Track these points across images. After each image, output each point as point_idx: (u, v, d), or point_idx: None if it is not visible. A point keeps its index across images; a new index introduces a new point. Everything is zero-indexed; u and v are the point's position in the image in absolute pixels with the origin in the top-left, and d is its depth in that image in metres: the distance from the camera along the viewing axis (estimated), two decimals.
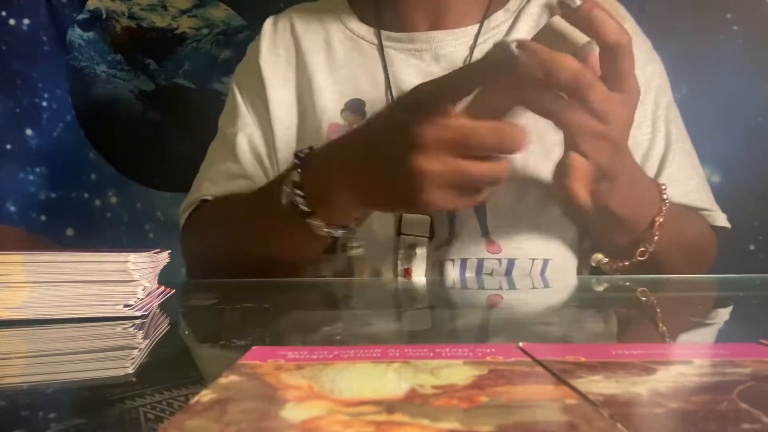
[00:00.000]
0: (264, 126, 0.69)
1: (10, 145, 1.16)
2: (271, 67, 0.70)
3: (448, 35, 0.67)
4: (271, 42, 0.71)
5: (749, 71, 1.01)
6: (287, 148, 0.68)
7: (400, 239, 0.62)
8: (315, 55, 0.69)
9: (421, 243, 0.62)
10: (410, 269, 0.62)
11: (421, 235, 0.62)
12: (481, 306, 0.51)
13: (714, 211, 0.67)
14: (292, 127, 0.68)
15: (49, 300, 0.38)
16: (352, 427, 0.17)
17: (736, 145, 1.00)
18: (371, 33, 0.69)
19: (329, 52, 0.69)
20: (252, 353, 0.26)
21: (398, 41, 0.68)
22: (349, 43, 0.69)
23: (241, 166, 0.68)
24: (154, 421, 0.21)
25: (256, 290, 0.56)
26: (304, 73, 0.69)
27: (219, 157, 0.71)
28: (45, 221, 1.18)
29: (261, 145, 0.69)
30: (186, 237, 0.71)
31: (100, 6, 1.18)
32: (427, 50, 0.67)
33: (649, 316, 0.43)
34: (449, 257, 0.62)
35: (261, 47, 0.71)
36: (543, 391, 0.20)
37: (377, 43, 0.68)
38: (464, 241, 0.62)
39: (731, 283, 0.57)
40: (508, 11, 0.68)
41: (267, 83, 0.69)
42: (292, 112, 0.69)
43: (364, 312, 0.47)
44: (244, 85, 0.72)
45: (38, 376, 0.28)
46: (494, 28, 0.67)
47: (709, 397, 0.19)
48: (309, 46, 0.70)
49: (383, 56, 0.67)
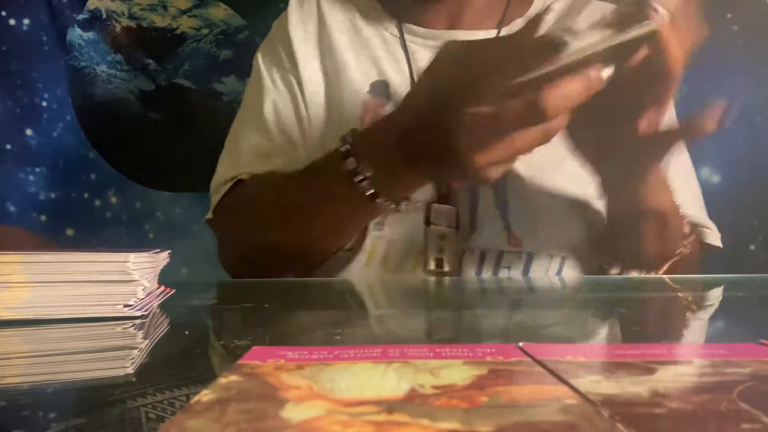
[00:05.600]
0: (293, 96, 0.69)
1: (10, 145, 1.16)
2: (300, 40, 0.70)
3: (469, 36, 0.67)
4: (298, 18, 0.72)
5: (749, 71, 1.01)
6: (320, 122, 0.68)
7: (430, 230, 0.62)
8: (340, 34, 0.70)
9: (449, 234, 0.62)
10: (442, 260, 0.62)
11: (448, 226, 0.62)
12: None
13: (707, 228, 0.67)
14: (321, 102, 0.69)
15: (49, 300, 0.38)
16: (352, 427, 0.17)
17: (736, 145, 1.00)
18: (393, 24, 0.70)
19: (355, 32, 0.70)
20: (252, 353, 0.26)
21: (420, 36, 0.69)
22: (372, 29, 0.70)
23: (270, 140, 0.68)
24: (155, 421, 0.21)
25: (256, 290, 0.56)
26: (329, 50, 0.69)
27: (246, 131, 0.70)
28: (45, 221, 1.18)
29: (287, 114, 0.69)
30: (223, 220, 0.69)
31: (100, 6, 1.18)
32: None
33: (649, 316, 0.43)
34: (469, 247, 0.63)
35: (290, 21, 0.71)
36: (543, 391, 0.20)
37: (399, 36, 0.69)
38: (486, 233, 0.63)
39: (731, 283, 0.57)
40: (528, 19, 0.68)
41: (298, 56, 0.69)
42: (320, 88, 0.69)
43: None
44: (272, 58, 0.72)
45: (38, 376, 0.28)
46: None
47: (709, 397, 0.19)
48: (334, 25, 0.70)
49: (405, 47, 0.68)
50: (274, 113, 0.69)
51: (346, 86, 0.67)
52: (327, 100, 0.69)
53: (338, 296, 0.56)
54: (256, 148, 0.68)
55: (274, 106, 0.69)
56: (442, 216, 0.62)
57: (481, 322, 0.41)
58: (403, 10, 0.70)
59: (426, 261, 0.63)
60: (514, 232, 0.63)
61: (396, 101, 0.65)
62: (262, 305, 0.45)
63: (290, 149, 0.68)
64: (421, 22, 0.69)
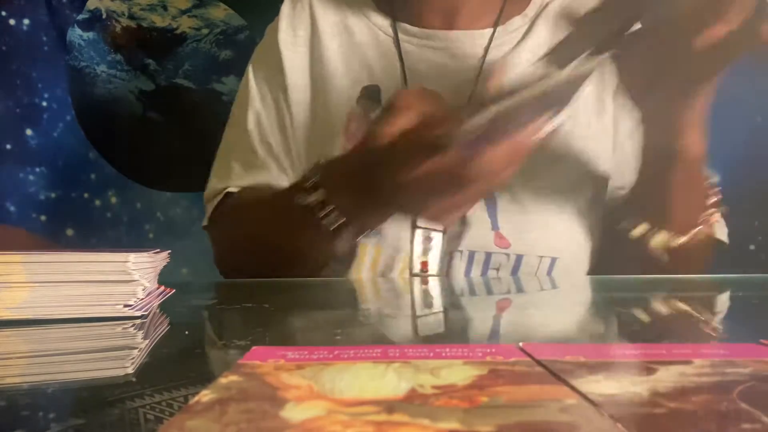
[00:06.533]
0: (278, 107, 0.69)
1: (10, 145, 1.16)
2: (288, 46, 0.70)
3: (466, 36, 0.67)
4: (288, 23, 0.72)
5: (749, 71, 1.01)
6: (305, 128, 0.68)
7: (415, 232, 0.62)
8: (332, 38, 0.70)
9: (436, 236, 0.62)
10: (426, 263, 0.62)
11: (435, 228, 0.62)
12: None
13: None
14: (306, 109, 0.69)
15: (49, 300, 0.38)
16: (352, 427, 0.17)
17: (736, 145, 1.00)
18: (387, 24, 0.70)
19: (346, 36, 0.70)
20: (252, 353, 0.26)
21: (415, 36, 0.68)
22: (365, 30, 0.70)
23: (254, 152, 0.69)
24: (154, 421, 0.21)
25: (256, 290, 0.56)
26: (320, 55, 0.69)
27: (232, 143, 0.71)
28: (45, 221, 1.18)
29: (269, 125, 0.69)
30: (215, 230, 0.71)
31: (100, 6, 1.18)
32: (444, 49, 0.67)
33: (648, 316, 0.43)
34: (457, 249, 0.63)
35: (280, 26, 0.71)
36: (543, 391, 0.20)
37: (393, 36, 0.69)
38: (474, 234, 0.63)
39: (731, 283, 0.57)
40: (526, 17, 0.68)
41: (285, 63, 0.70)
42: (306, 94, 0.69)
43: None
44: (261, 65, 0.72)
45: (38, 376, 0.28)
46: (512, 32, 0.68)
47: (709, 397, 0.19)
48: (326, 28, 0.70)
49: (399, 48, 0.68)
50: (256, 125, 0.69)
51: (334, 94, 0.67)
52: (312, 107, 0.69)
53: (338, 296, 0.56)
54: (242, 161, 0.69)
55: (256, 118, 0.70)
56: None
57: (481, 322, 0.41)
58: (398, 9, 0.70)
59: (411, 264, 0.63)
60: (502, 233, 0.62)
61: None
62: (262, 305, 0.45)
63: (273, 162, 0.69)
64: (417, 22, 0.69)
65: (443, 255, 0.63)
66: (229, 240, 0.68)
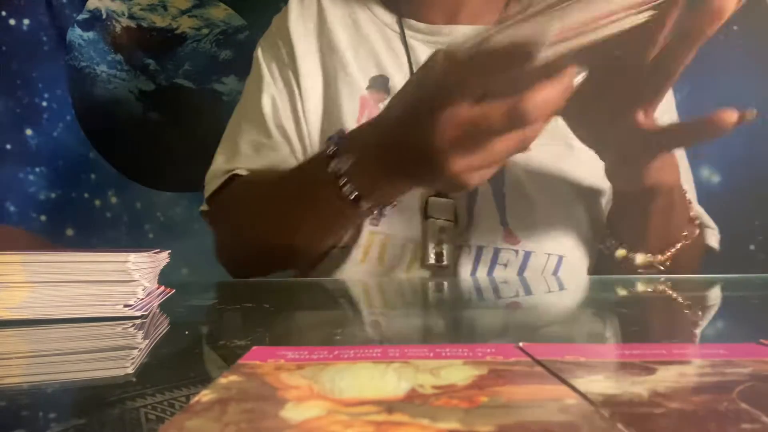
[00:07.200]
0: (291, 91, 0.69)
1: (10, 145, 1.16)
2: (300, 36, 0.70)
3: (471, 31, 0.67)
4: (298, 14, 0.72)
5: (749, 72, 1.01)
6: (317, 118, 0.68)
7: (429, 223, 0.62)
8: (340, 29, 0.70)
9: (448, 227, 0.62)
10: (441, 254, 0.62)
11: (447, 219, 0.62)
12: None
13: (710, 227, 0.67)
14: (319, 97, 0.69)
15: (49, 300, 0.38)
16: (352, 427, 0.17)
17: (736, 145, 1.00)
18: (393, 20, 0.70)
19: (355, 29, 0.70)
20: (252, 353, 0.26)
21: (420, 32, 0.69)
22: (372, 25, 0.70)
23: (267, 135, 0.68)
24: (155, 421, 0.21)
25: (256, 290, 0.56)
26: (329, 47, 0.69)
27: (244, 125, 0.71)
28: (45, 221, 1.18)
29: (284, 109, 0.69)
30: (217, 214, 0.70)
31: (100, 6, 1.18)
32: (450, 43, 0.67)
33: (648, 316, 0.43)
34: (466, 243, 0.63)
35: (290, 17, 0.71)
36: (543, 391, 0.20)
37: (399, 32, 0.69)
38: (482, 229, 0.63)
39: (731, 283, 0.57)
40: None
41: (297, 51, 0.70)
42: (318, 81, 0.69)
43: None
44: (272, 53, 0.72)
45: (38, 376, 0.28)
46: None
47: (709, 397, 0.19)
48: (335, 21, 0.70)
49: (405, 43, 0.68)
50: (272, 108, 0.69)
51: (345, 83, 0.67)
52: (325, 96, 0.69)
53: (338, 296, 0.56)
54: (253, 143, 0.68)
55: (272, 101, 0.69)
56: (441, 209, 0.62)
57: (481, 322, 0.41)
58: (404, 5, 0.70)
59: (425, 254, 0.63)
60: (510, 228, 0.63)
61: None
62: (262, 305, 0.45)
63: (286, 145, 0.68)
64: (421, 18, 0.69)
65: (452, 248, 0.63)
66: (233, 227, 0.67)
